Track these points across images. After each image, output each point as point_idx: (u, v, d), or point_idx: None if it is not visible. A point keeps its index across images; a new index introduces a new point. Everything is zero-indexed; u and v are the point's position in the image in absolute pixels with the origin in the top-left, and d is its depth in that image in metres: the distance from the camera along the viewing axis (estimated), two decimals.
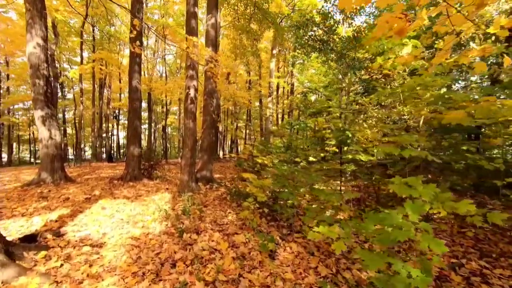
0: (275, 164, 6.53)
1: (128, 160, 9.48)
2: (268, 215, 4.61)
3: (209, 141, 8.78)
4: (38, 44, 8.39)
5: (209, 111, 8.75)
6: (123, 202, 6.14)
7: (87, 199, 6.46)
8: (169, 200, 6.39)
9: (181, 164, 7.34)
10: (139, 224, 4.63)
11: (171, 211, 5.40)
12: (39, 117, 8.44)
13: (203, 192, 7.29)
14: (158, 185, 8.61)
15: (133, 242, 3.85)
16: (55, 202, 6.02)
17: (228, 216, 4.95)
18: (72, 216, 4.98)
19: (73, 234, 4.08)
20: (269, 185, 4.25)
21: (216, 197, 6.71)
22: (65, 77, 27.14)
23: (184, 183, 7.16)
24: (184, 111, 7.42)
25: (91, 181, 9.54)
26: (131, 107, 9.68)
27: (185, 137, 7.41)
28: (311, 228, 2.87)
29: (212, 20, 8.77)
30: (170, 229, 4.29)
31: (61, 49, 26.27)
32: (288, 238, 3.88)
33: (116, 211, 5.42)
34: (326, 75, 18.22)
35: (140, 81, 9.81)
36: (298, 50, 15.49)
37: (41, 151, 8.70)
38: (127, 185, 8.51)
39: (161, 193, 7.18)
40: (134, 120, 9.63)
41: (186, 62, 7.54)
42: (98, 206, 5.76)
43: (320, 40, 12.83)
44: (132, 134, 9.58)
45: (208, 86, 8.79)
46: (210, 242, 3.76)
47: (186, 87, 7.35)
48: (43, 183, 8.40)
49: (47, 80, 8.62)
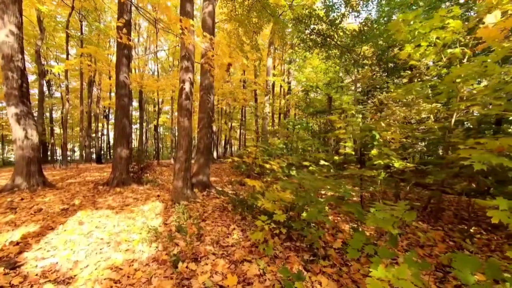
0: (283, 168, 5.68)
1: (115, 163, 8.50)
2: (281, 232, 3.74)
3: (206, 142, 7.87)
4: (11, 32, 7.36)
5: (206, 108, 7.84)
6: (106, 215, 5.20)
7: (63, 210, 5.50)
8: (161, 212, 5.47)
9: (175, 168, 6.42)
10: (123, 246, 3.71)
11: (162, 226, 4.49)
12: (13, 115, 7.44)
13: (200, 200, 6.38)
14: (148, 191, 7.67)
15: (112, 274, 2.94)
16: (24, 215, 5.05)
17: (233, 234, 4.06)
18: (39, 235, 4.03)
19: (34, 264, 3.15)
20: (289, 199, 3.40)
21: (215, 207, 5.82)
22: (52, 74, 25.80)
23: (178, 191, 6.24)
24: (178, 108, 6.50)
25: (74, 186, 8.55)
26: (118, 104, 8.70)
27: (179, 138, 6.49)
28: (360, 262, 2.02)
29: (209, 7, 7.88)
30: (161, 254, 3.39)
31: (48, 45, 25.05)
32: (314, 268, 3.02)
33: (95, 227, 4.48)
34: (327, 73, 17.47)
35: (128, 76, 8.84)
36: (299, 45, 14.70)
37: (15, 153, 7.68)
38: (113, 192, 7.55)
39: (151, 202, 6.25)
40: (122, 119, 8.66)
41: (180, 52, 6.62)
42: (74, 220, 4.82)
43: (323, 35, 12.03)
44: (119, 134, 8.61)
45: (205, 80, 7.88)
46: (213, 276, 2.88)
47: (181, 81, 6.43)
48: (17, 189, 7.40)
49: (22, 73, 7.60)
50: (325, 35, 11.88)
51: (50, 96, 28.45)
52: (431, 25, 4.07)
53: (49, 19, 20.72)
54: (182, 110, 6.37)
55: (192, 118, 6.63)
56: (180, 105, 6.42)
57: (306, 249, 3.50)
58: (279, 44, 16.53)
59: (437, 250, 3.74)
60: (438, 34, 4.19)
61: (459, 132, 4.54)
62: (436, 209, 5.02)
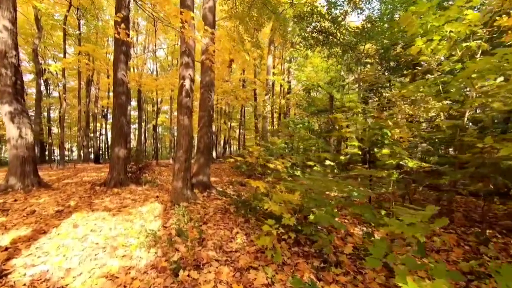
0: (287, 168, 5.45)
1: (113, 163, 8.24)
2: (289, 237, 3.51)
3: (207, 141, 7.63)
4: (5, 28, 7.12)
5: (207, 106, 7.60)
6: (103, 217, 4.96)
7: (58, 212, 5.26)
8: (160, 214, 5.23)
9: (174, 168, 6.17)
10: (120, 251, 3.47)
11: (162, 230, 4.26)
12: (7, 113, 7.19)
13: (200, 201, 6.14)
14: (147, 192, 7.43)
15: (107, 284, 2.70)
16: (16, 217, 4.81)
17: (237, 238, 3.83)
18: (31, 240, 3.79)
19: (23, 272, 2.90)
20: (298, 201, 3.16)
21: (216, 209, 5.58)
22: (49, 73, 25.51)
23: (177, 192, 6.00)
24: (178, 106, 6.25)
25: (70, 187, 8.30)
26: (116, 102, 8.45)
27: (178, 137, 6.24)
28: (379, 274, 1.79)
29: (210, 2, 7.64)
30: (160, 261, 3.15)
31: (46, 44, 24.75)
32: (326, 277, 2.79)
33: (91, 230, 4.23)
34: (328, 72, 17.24)
35: (126, 73, 8.59)
36: (300, 43, 14.44)
37: (9, 152, 7.44)
38: (111, 192, 7.31)
39: (150, 203, 6.01)
40: (120, 117, 8.41)
41: (180, 48, 6.38)
42: (69, 223, 4.57)
43: (326, 32, 11.79)
44: (117, 133, 8.36)
45: (206, 78, 7.64)
46: (217, 285, 2.65)
47: (181, 77, 6.18)
48: (11, 190, 7.15)
49: (16, 70, 7.35)
50: (328, 33, 11.64)
51: (48, 95, 28.17)
52: (446, 17, 3.85)
53: (47, 17, 20.48)
54: (182, 108, 6.12)
55: (192, 116, 6.39)
56: (180, 103, 6.18)
57: (315, 255, 3.27)
58: (279, 42, 16.29)
59: (454, 256, 3.52)
60: (453, 27, 3.97)
61: (472, 131, 4.33)
62: (447, 211, 4.81)
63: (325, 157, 5.79)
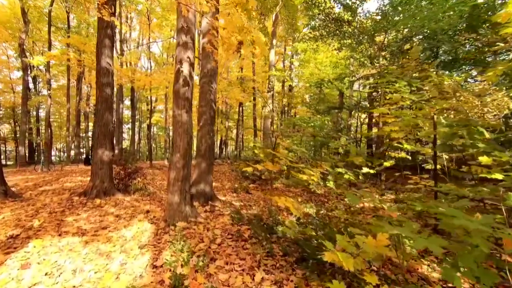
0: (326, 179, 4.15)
1: (95, 168, 6.86)
2: None
3: (209, 142, 6.29)
4: None
5: (208, 99, 6.26)
6: (70, 247, 3.60)
7: (11, 238, 3.89)
8: (149, 240, 3.88)
9: (169, 177, 4.80)
10: None
11: (150, 273, 2.92)
12: None
13: (202, 219, 4.80)
14: (136, 204, 6.10)
15: None
16: None
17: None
18: None
19: None
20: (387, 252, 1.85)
21: (224, 231, 4.25)
22: (38, 70, 24.05)
23: (173, 208, 4.63)
24: (174, 97, 4.87)
25: (45, 197, 6.93)
26: (100, 95, 7.07)
27: (175, 136, 4.88)
28: None
29: None
30: None
31: (34, 38, 23.30)
32: None
33: (45, 274, 2.88)
34: (337, 66, 16.00)
35: (112, 61, 7.21)
36: (310, 33, 13.14)
37: None
38: (91, 205, 5.95)
39: (138, 222, 4.66)
40: (104, 114, 7.05)
41: (176, 24, 5.02)
42: (19, 258, 3.21)
43: (340, 20, 10.54)
44: (101, 132, 6.99)
45: (207, 65, 6.29)
46: None
47: (177, 61, 4.82)
48: None
49: None
50: (342, 20, 10.38)
51: (37, 93, 26.59)
52: None
53: (33, 9, 19.16)
54: (179, 99, 4.76)
55: (191, 110, 5.04)
56: (176, 93, 4.80)
57: None
58: (286, 33, 14.91)
59: None
60: None
61: None
62: None
63: (361, 163, 4.49)
